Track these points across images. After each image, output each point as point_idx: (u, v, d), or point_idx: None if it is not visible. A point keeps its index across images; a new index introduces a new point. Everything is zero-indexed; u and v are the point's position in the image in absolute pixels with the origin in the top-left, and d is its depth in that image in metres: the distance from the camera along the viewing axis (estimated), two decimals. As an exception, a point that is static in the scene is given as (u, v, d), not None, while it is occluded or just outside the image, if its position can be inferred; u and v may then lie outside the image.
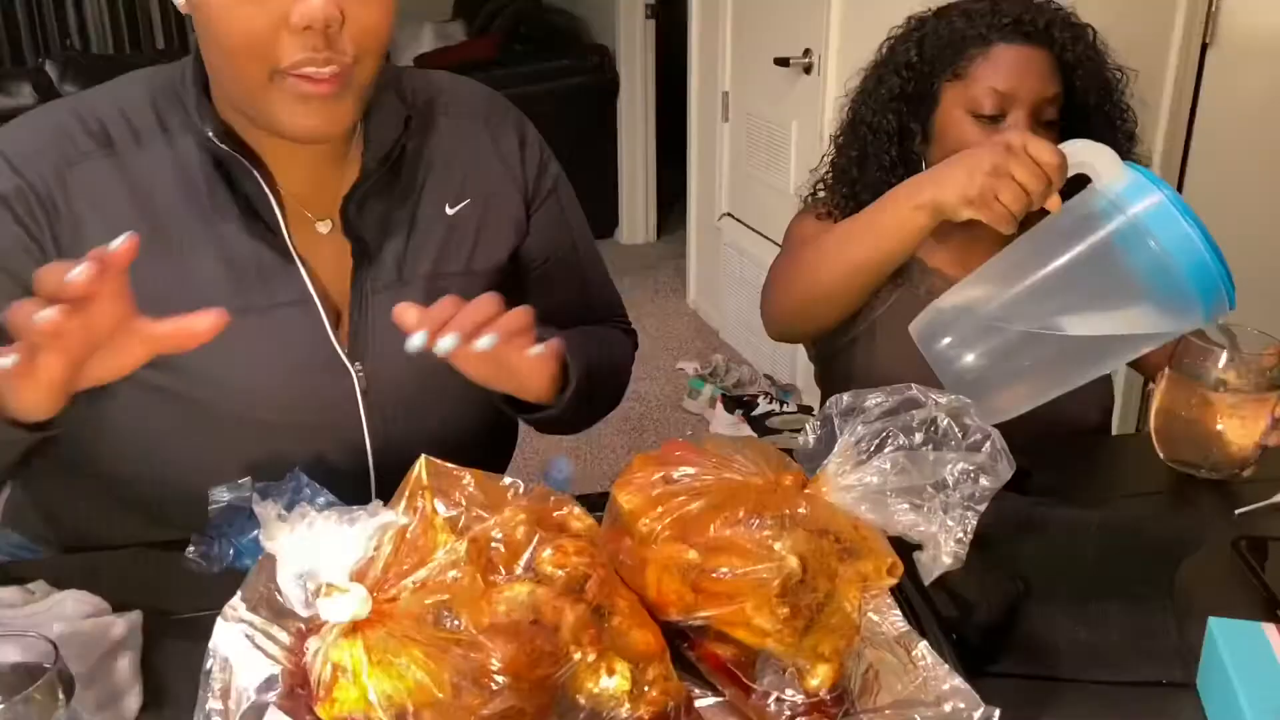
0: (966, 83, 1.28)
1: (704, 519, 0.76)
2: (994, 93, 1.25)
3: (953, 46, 1.29)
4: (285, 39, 0.89)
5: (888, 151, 1.34)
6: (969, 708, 0.72)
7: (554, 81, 4.31)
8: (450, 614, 0.69)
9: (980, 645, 0.86)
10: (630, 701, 0.71)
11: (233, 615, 0.75)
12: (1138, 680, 0.84)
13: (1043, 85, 1.26)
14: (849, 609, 0.76)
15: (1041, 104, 1.26)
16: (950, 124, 1.30)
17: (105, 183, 0.98)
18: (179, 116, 1.00)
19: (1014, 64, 1.26)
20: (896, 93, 1.34)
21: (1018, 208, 1.05)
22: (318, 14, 0.87)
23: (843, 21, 2.83)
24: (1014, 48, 1.26)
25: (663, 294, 4.25)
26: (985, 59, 1.27)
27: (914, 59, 1.33)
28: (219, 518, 0.95)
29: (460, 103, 1.15)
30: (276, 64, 0.90)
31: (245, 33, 0.89)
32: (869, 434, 0.78)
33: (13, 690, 0.63)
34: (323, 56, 0.90)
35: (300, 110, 0.92)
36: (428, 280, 1.08)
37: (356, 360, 1.05)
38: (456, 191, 1.11)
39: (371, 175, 1.04)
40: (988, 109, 1.26)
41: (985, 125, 1.27)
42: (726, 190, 3.71)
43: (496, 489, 0.77)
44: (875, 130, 1.36)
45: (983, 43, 1.27)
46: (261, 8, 0.88)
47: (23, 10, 5.52)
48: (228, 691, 0.72)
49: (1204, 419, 1.08)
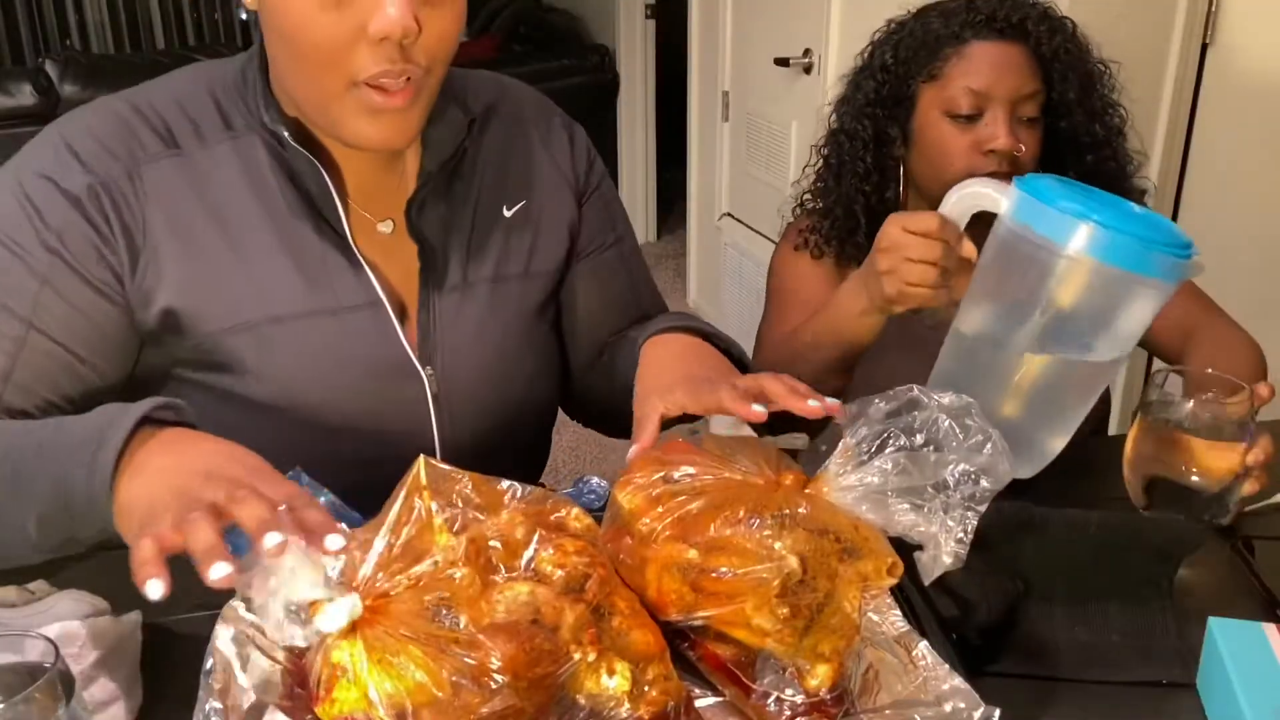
0: (942, 83, 1.27)
1: (704, 519, 0.76)
2: (969, 92, 1.24)
3: (927, 47, 1.28)
4: (363, 50, 0.88)
5: (862, 158, 1.33)
6: (969, 708, 0.72)
7: (554, 81, 4.31)
8: (450, 613, 0.69)
9: (980, 645, 0.86)
10: (630, 701, 0.71)
11: (233, 615, 0.75)
12: (1138, 680, 0.84)
13: (1019, 82, 1.25)
14: (849, 609, 0.76)
15: (1019, 101, 1.25)
16: (928, 126, 1.29)
17: (173, 184, 0.97)
18: (243, 116, 0.99)
19: (989, 61, 1.25)
20: (872, 97, 1.32)
21: (932, 279, 1.05)
22: (396, 26, 0.86)
23: (843, 21, 2.83)
24: (988, 44, 1.25)
25: (663, 294, 4.23)
26: (960, 58, 1.26)
27: (889, 61, 1.32)
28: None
29: (513, 106, 1.14)
30: (354, 75, 0.90)
31: (323, 42, 0.88)
32: (870, 435, 0.78)
33: (13, 690, 0.63)
34: (399, 68, 0.89)
35: (371, 122, 0.92)
36: (490, 283, 1.08)
37: (426, 364, 1.05)
38: (513, 194, 1.10)
39: (433, 179, 1.03)
40: (964, 109, 1.25)
41: (962, 125, 1.26)
42: (726, 190, 3.71)
43: (493, 491, 0.77)
44: (852, 137, 1.34)
45: (957, 41, 1.26)
46: (340, 18, 0.87)
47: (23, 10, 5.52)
48: (228, 691, 0.71)
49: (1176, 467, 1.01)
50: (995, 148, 1.24)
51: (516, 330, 1.10)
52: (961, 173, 1.24)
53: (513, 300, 1.10)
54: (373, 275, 1.02)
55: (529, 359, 1.11)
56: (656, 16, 4.41)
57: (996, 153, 1.25)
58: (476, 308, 1.07)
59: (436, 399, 1.05)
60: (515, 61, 4.47)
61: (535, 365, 1.13)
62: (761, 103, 3.35)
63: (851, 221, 1.35)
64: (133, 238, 0.96)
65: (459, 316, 1.06)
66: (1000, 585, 0.90)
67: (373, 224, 1.04)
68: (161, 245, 0.96)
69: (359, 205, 1.03)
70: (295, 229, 0.99)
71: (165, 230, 0.96)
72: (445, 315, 1.05)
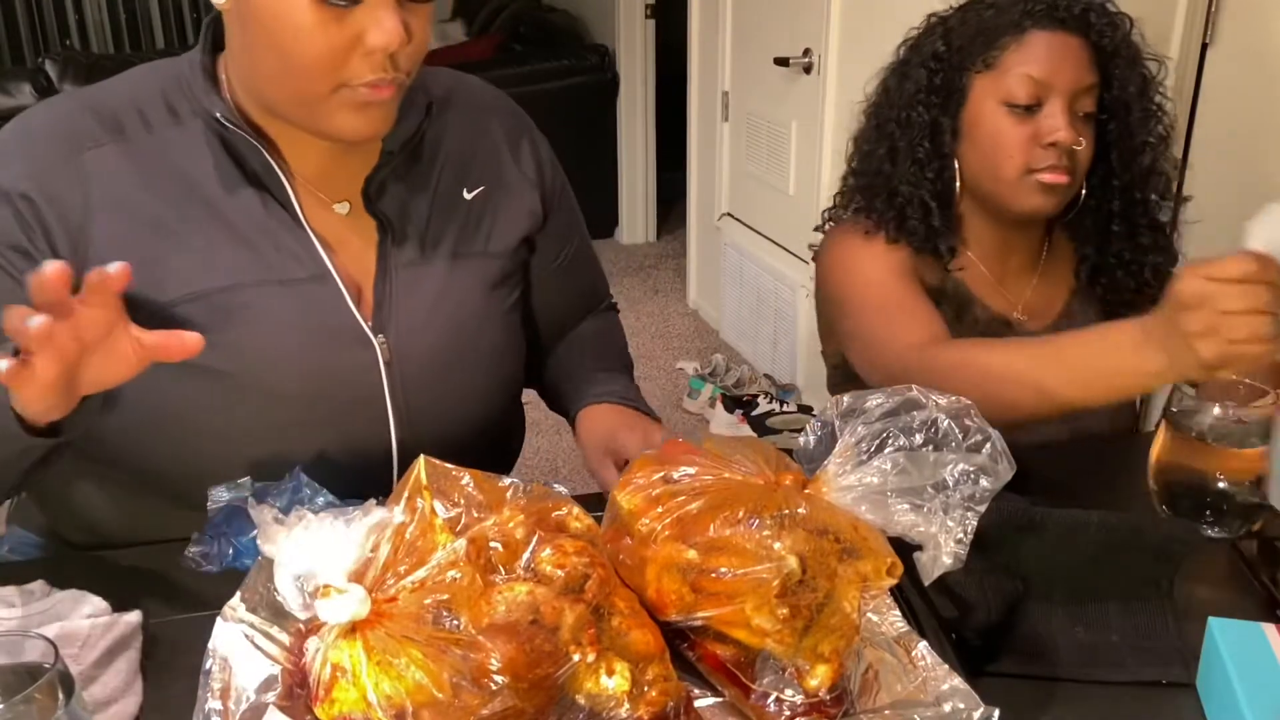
0: (998, 72, 1.23)
1: (704, 519, 0.76)
2: (1029, 80, 1.20)
3: (983, 35, 1.24)
4: (356, 59, 0.92)
5: (921, 144, 1.28)
6: (969, 708, 0.72)
7: (554, 81, 4.32)
8: (450, 614, 0.69)
9: (980, 645, 0.86)
10: (630, 701, 0.71)
11: (232, 615, 0.75)
12: (1137, 680, 0.84)
13: (1080, 74, 1.21)
14: (849, 609, 0.76)
15: (1079, 94, 1.21)
16: (982, 117, 1.25)
17: (116, 168, 1.00)
18: (187, 103, 1.02)
19: (1050, 50, 1.21)
20: (924, 84, 1.28)
21: (1265, 330, 0.89)
22: (394, 40, 0.91)
23: (843, 21, 2.83)
24: (1049, 34, 1.21)
25: (663, 294, 4.25)
26: (1019, 46, 1.22)
27: (941, 50, 1.27)
28: (218, 518, 0.95)
29: (472, 96, 1.19)
30: (345, 81, 0.93)
31: (321, 53, 0.91)
32: (869, 434, 0.78)
33: (13, 690, 0.63)
34: (390, 76, 0.94)
35: (358, 116, 0.96)
36: (449, 260, 1.11)
37: (380, 333, 1.07)
38: (473, 178, 1.14)
39: (393, 159, 1.06)
40: (1023, 98, 1.21)
41: (1020, 116, 1.22)
42: (726, 190, 3.71)
43: (495, 489, 0.77)
44: (904, 124, 1.30)
45: (1016, 30, 1.22)
46: (338, 30, 0.90)
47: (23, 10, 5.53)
48: (227, 691, 0.72)
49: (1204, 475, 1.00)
50: (1056, 140, 1.20)
51: (474, 306, 1.13)
52: (1019, 166, 1.22)
53: (471, 277, 1.12)
54: (323, 251, 1.04)
55: (487, 335, 1.13)
56: (656, 16, 4.41)
57: (1057, 145, 1.21)
58: (434, 282, 1.10)
59: (389, 366, 1.07)
60: (515, 61, 4.47)
61: (495, 341, 1.15)
62: (761, 103, 3.35)
63: (922, 209, 1.29)
64: (70, 225, 0.98)
65: (416, 288, 1.09)
66: (1000, 585, 0.90)
67: (328, 204, 1.07)
68: (104, 228, 0.99)
69: (314, 188, 1.06)
70: (242, 208, 1.02)
71: (108, 213, 0.99)
72: (402, 286, 1.08)
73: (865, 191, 1.34)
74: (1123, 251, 1.33)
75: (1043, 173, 1.22)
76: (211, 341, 0.99)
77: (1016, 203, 1.25)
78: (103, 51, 5.60)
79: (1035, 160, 1.22)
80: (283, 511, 0.75)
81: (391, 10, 0.90)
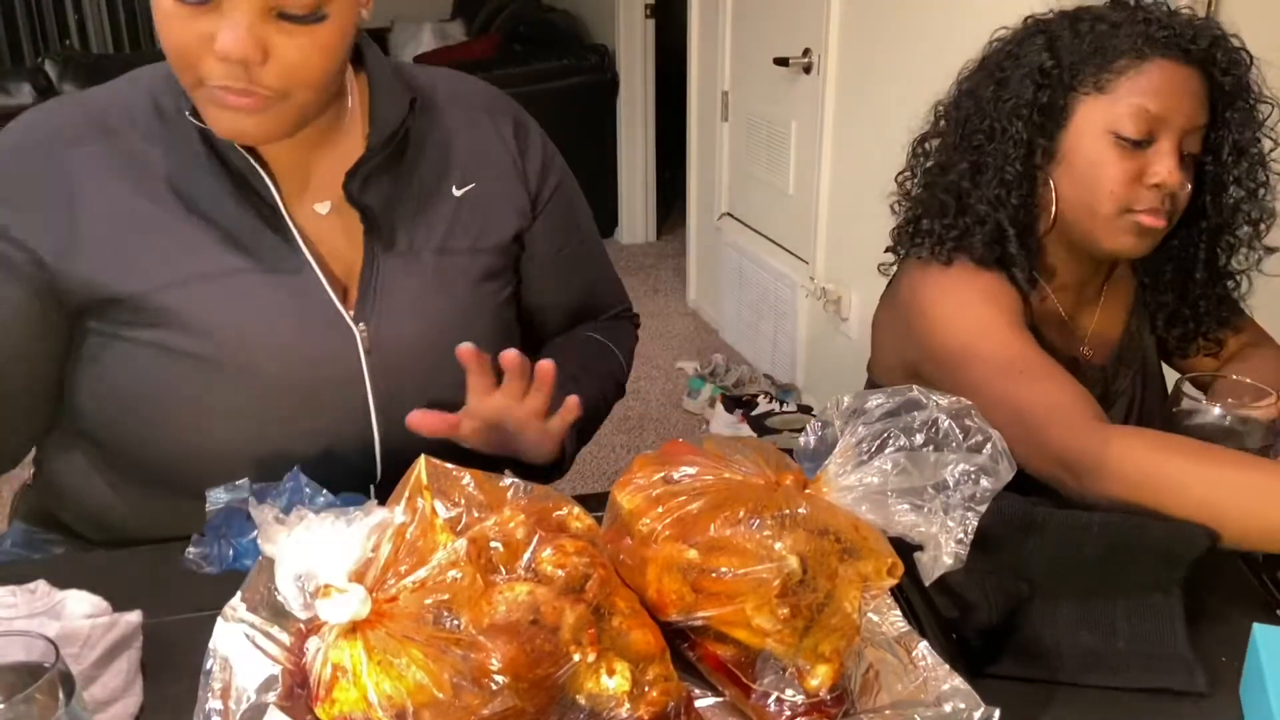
0: (1111, 98, 1.12)
1: (704, 519, 0.76)
2: (1144, 112, 1.10)
3: (1099, 55, 1.13)
4: (209, 59, 0.92)
5: (1013, 164, 1.16)
6: (969, 708, 0.72)
7: (554, 81, 4.32)
8: (450, 614, 0.69)
9: (980, 646, 0.85)
10: (630, 701, 0.71)
11: (233, 615, 0.75)
12: (1139, 687, 0.84)
13: (1196, 112, 1.12)
14: (849, 609, 0.76)
15: (1191, 132, 1.13)
16: (1085, 143, 1.14)
17: (101, 163, 1.01)
18: (174, 102, 1.03)
19: (1170, 83, 1.11)
20: (1028, 99, 1.15)
21: None
22: (232, 50, 0.90)
23: (843, 21, 2.83)
24: (1172, 64, 1.11)
25: (663, 294, 4.25)
26: (1138, 73, 1.11)
27: (1048, 64, 1.15)
28: (217, 519, 0.95)
29: (462, 93, 1.19)
30: (201, 78, 0.94)
31: (176, 45, 0.93)
32: (870, 435, 0.78)
33: (13, 690, 0.63)
34: (240, 86, 0.93)
35: (223, 115, 0.96)
36: (436, 254, 1.11)
37: (361, 321, 1.07)
38: (461, 174, 1.14)
39: (376, 154, 1.06)
40: (1133, 132, 1.11)
41: (1127, 150, 1.12)
42: (726, 190, 3.71)
43: (496, 489, 0.77)
44: (995, 137, 1.17)
45: (1136, 55, 1.11)
46: (191, 26, 0.91)
47: (23, 10, 5.52)
48: (228, 691, 0.72)
49: None
50: (1160, 182, 1.11)
51: (462, 299, 1.13)
52: (1118, 203, 1.13)
53: (458, 272, 1.13)
54: (304, 245, 1.05)
55: (475, 328, 1.12)
56: (656, 16, 4.41)
57: (1161, 187, 1.12)
58: (421, 274, 1.10)
59: (369, 355, 1.08)
60: (515, 61, 4.47)
61: (482, 335, 1.14)
62: (761, 103, 3.35)
63: (996, 233, 1.17)
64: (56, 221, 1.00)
65: (401, 280, 1.09)
66: (1002, 586, 0.89)
67: (310, 203, 1.08)
68: (87, 221, 1.00)
69: (296, 185, 1.07)
70: (226, 204, 1.03)
71: (91, 206, 1.00)
72: (388, 276, 1.08)
73: (928, 203, 1.23)
74: (1198, 300, 1.26)
75: (1141, 214, 1.13)
76: (191, 327, 1.03)
77: (1108, 241, 1.16)
78: (103, 51, 5.60)
79: (1136, 200, 1.13)
80: (283, 511, 0.75)
81: (243, 22, 0.89)
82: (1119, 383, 1.28)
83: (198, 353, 1.03)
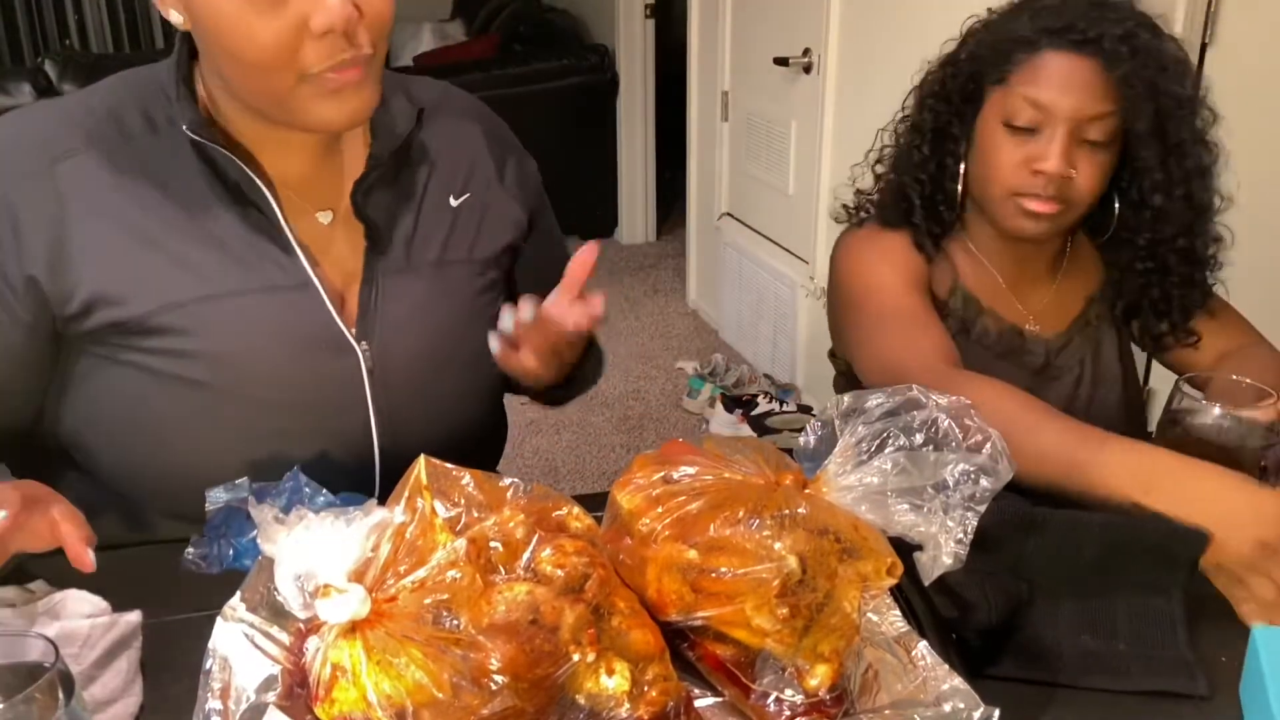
0: (1006, 89, 1.18)
1: (704, 519, 0.76)
2: (1030, 103, 1.16)
3: (1000, 48, 1.20)
4: (308, 45, 0.90)
5: (919, 146, 1.27)
6: (969, 708, 0.72)
7: (554, 81, 4.31)
8: (450, 614, 0.69)
9: (980, 646, 0.85)
10: (630, 701, 0.71)
11: (232, 615, 0.75)
12: (1139, 690, 0.84)
13: (1087, 102, 1.15)
14: (849, 609, 0.76)
15: (1083, 122, 1.15)
16: (986, 131, 1.22)
17: (93, 178, 0.98)
18: (165, 113, 1.01)
19: (1059, 74, 1.15)
20: (937, 90, 1.26)
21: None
22: (337, 17, 0.88)
23: (842, 21, 2.83)
24: (1061, 55, 1.15)
25: (662, 294, 4.25)
26: (1030, 65, 1.17)
27: (960, 56, 1.24)
28: (217, 519, 0.95)
29: (457, 106, 1.19)
30: (304, 71, 0.91)
31: (268, 45, 0.89)
32: (869, 434, 0.78)
33: (13, 690, 0.63)
34: (348, 56, 0.91)
35: (333, 103, 0.94)
36: (435, 267, 1.11)
37: (363, 340, 1.06)
38: (459, 185, 1.14)
39: (381, 165, 1.06)
40: (1021, 121, 1.17)
41: (1018, 138, 1.17)
42: (726, 190, 3.71)
43: (496, 489, 0.77)
44: (910, 121, 1.29)
45: (1030, 47, 1.17)
46: (280, 17, 0.88)
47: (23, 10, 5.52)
48: (227, 691, 0.71)
49: None
50: (1044, 169, 1.16)
51: (460, 313, 1.13)
52: (1006, 188, 1.19)
53: (456, 283, 1.13)
54: (305, 259, 1.03)
55: (470, 340, 1.12)
56: (656, 16, 4.41)
57: (1045, 174, 1.16)
58: (419, 288, 1.10)
59: (371, 373, 1.07)
60: (515, 61, 4.47)
61: (477, 347, 1.14)
62: (761, 102, 3.35)
63: (901, 196, 1.29)
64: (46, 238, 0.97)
65: (401, 295, 1.08)
66: (1003, 586, 0.89)
67: (311, 213, 1.06)
68: (83, 238, 0.98)
69: (297, 196, 1.05)
70: (221, 217, 1.01)
71: (87, 222, 0.98)
72: (387, 293, 1.07)
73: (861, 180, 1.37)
74: (1150, 286, 1.29)
75: (1027, 199, 1.19)
76: (191, 351, 1.00)
77: (1003, 222, 1.23)
78: (102, 51, 5.60)
79: (1022, 185, 1.18)
80: (282, 511, 0.75)
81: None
82: (1064, 358, 1.33)
83: (197, 379, 1.01)
